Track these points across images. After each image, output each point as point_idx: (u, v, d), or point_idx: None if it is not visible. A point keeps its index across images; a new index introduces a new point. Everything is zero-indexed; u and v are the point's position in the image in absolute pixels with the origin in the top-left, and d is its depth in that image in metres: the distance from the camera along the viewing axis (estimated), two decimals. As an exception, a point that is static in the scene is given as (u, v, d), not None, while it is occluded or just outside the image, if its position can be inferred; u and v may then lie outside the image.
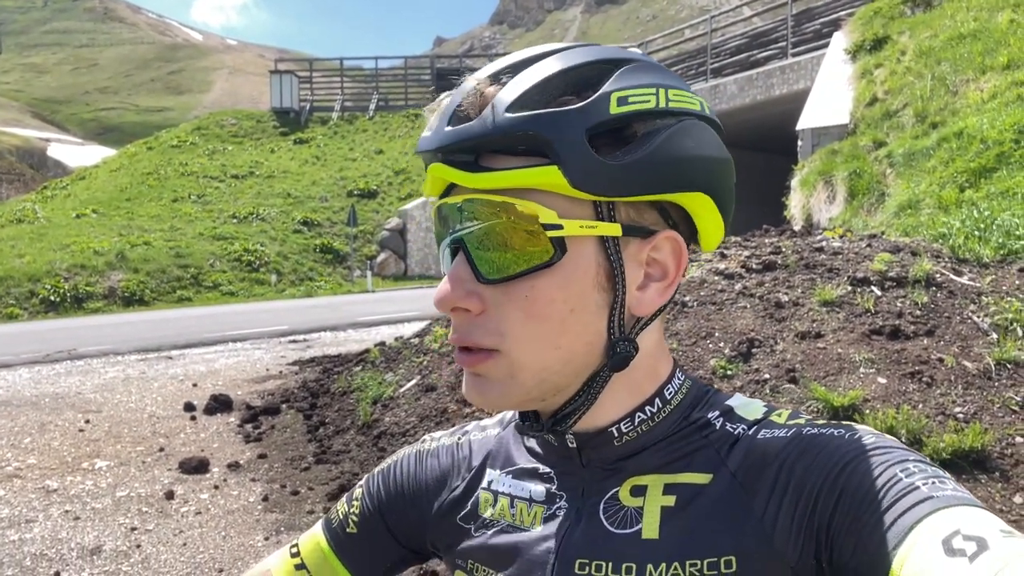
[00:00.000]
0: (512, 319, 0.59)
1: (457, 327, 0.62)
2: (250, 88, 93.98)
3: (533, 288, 0.59)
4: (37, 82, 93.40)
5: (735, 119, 18.75)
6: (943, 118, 8.47)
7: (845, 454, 0.55)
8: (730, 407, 0.66)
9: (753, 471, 0.59)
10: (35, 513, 4.28)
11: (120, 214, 20.83)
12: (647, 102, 0.58)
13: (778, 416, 0.64)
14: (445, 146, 0.58)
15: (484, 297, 0.60)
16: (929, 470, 0.53)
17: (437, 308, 0.61)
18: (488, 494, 0.71)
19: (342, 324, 12.02)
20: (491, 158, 0.58)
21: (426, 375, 5.60)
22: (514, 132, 0.56)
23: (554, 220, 0.57)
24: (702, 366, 4.22)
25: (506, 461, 0.72)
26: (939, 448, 3.20)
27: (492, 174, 0.57)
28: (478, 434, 0.78)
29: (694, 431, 0.64)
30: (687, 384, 0.68)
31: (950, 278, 4.60)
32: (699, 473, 0.61)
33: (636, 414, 0.64)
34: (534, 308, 0.59)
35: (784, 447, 0.59)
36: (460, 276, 0.60)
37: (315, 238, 20.49)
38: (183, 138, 27.18)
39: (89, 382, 7.89)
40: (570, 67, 0.58)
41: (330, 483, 4.57)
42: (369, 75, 30.79)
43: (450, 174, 0.59)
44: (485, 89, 0.59)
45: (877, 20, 12.69)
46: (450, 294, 0.60)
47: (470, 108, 0.59)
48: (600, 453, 0.65)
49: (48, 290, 15.57)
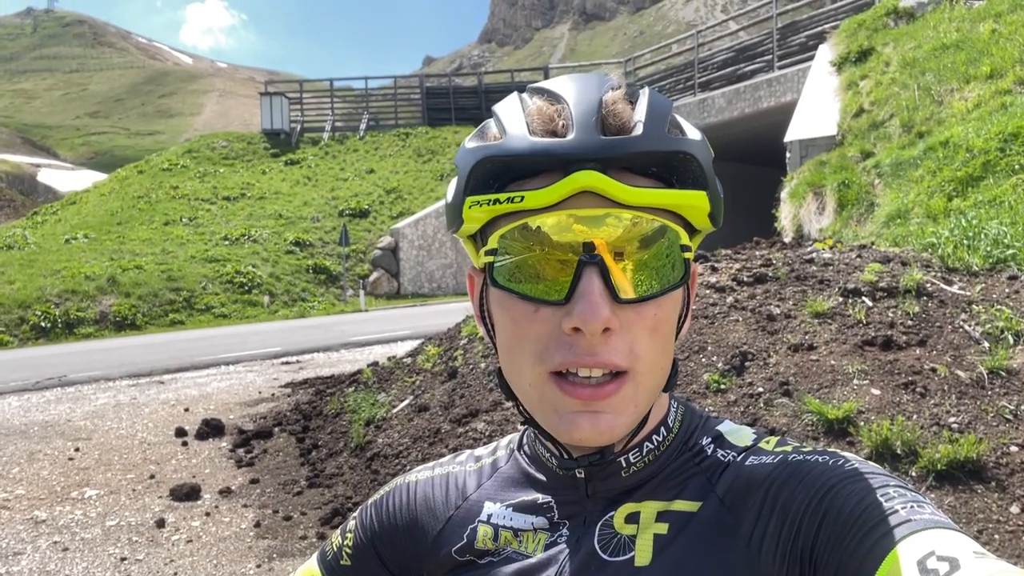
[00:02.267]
0: (641, 338, 0.59)
1: (589, 348, 0.57)
2: (241, 110, 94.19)
3: (660, 307, 0.60)
4: (27, 108, 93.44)
5: (724, 132, 18.87)
6: (929, 128, 8.53)
7: (828, 479, 0.57)
8: (721, 433, 0.67)
9: (740, 497, 0.60)
10: (23, 545, 4.22)
11: (111, 238, 20.76)
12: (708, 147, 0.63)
13: (766, 443, 0.65)
14: (607, 154, 0.56)
15: (619, 317, 0.58)
16: (908, 495, 0.54)
17: (584, 328, 0.56)
18: (488, 527, 0.70)
19: (335, 344, 11.97)
20: (620, 174, 0.57)
21: (419, 395, 5.56)
22: (675, 151, 0.58)
23: (687, 241, 0.60)
24: (695, 380, 4.21)
25: (506, 494, 0.72)
26: (934, 459, 3.19)
27: (648, 191, 0.57)
28: (472, 464, 0.78)
29: (690, 458, 0.66)
30: (681, 409, 0.70)
31: (940, 287, 4.61)
32: (690, 500, 0.63)
33: (644, 444, 0.65)
34: (658, 327, 0.60)
35: (770, 473, 0.60)
36: (603, 294, 0.57)
37: (307, 258, 20.45)
38: (174, 161, 27.17)
39: (79, 409, 7.81)
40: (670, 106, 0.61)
41: (323, 507, 4.52)
42: (359, 95, 30.89)
43: (608, 184, 0.56)
44: (621, 106, 0.59)
45: (861, 32, 12.82)
46: (602, 313, 0.56)
47: (612, 120, 0.58)
48: (606, 484, 0.66)
49: (38, 316, 15.47)
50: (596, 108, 0.58)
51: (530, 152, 0.57)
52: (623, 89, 0.60)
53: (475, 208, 0.60)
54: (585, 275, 0.57)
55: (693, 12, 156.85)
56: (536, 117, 0.59)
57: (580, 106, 0.58)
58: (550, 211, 0.58)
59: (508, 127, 0.60)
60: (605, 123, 0.57)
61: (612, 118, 0.58)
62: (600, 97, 0.59)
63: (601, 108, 0.58)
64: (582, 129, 0.57)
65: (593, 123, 0.57)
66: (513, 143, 0.58)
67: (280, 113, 28.09)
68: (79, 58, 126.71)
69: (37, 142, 73.93)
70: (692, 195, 0.58)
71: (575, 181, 0.56)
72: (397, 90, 30.91)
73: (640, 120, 0.58)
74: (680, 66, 22.93)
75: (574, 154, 0.56)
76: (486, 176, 0.60)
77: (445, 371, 5.73)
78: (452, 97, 28.48)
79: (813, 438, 3.57)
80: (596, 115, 0.57)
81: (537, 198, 0.57)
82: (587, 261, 0.57)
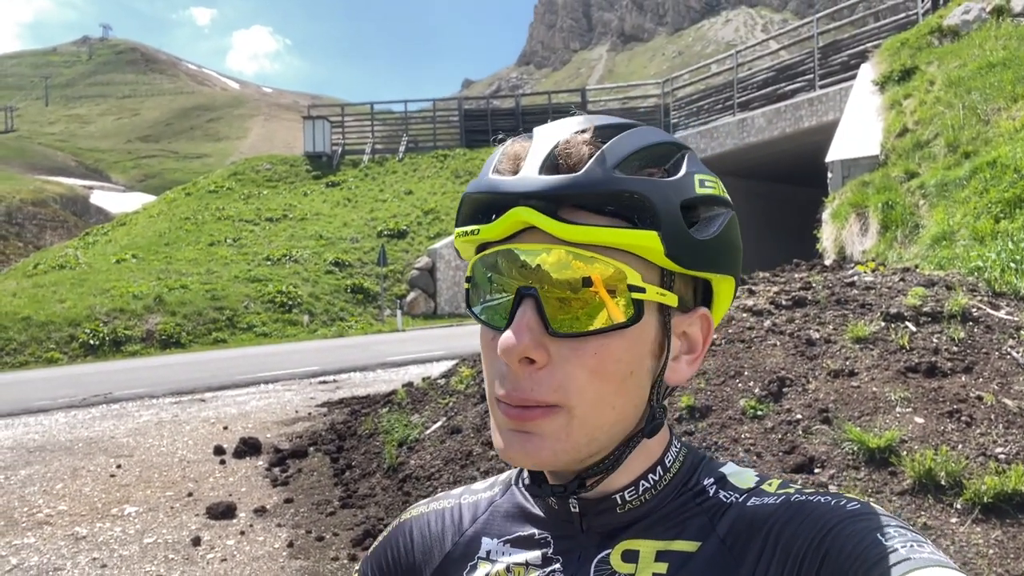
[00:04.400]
0: (577, 376, 0.59)
1: (514, 380, 0.60)
2: (284, 133, 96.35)
3: (602, 346, 0.59)
4: (82, 132, 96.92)
5: (763, 152, 18.68)
6: (975, 148, 8.32)
7: (830, 520, 0.58)
8: (724, 475, 0.68)
9: (742, 537, 0.61)
10: (63, 561, 4.30)
11: (159, 258, 21.31)
12: (714, 189, 0.64)
13: (769, 485, 0.65)
14: (541, 192, 0.58)
15: (550, 350, 0.59)
16: (909, 535, 0.55)
17: (502, 356, 0.59)
18: (487, 564, 0.70)
19: (371, 364, 12.07)
20: (572, 212, 0.59)
21: (451, 417, 5.57)
22: (620, 191, 0.58)
23: (639, 283, 0.59)
24: (731, 406, 4.13)
25: (503, 529, 0.71)
26: (980, 491, 3.07)
27: (590, 228, 0.58)
28: (469, 498, 0.77)
29: (690, 498, 0.66)
30: (684, 451, 0.69)
31: (987, 312, 4.47)
32: (689, 541, 0.63)
33: (640, 482, 0.66)
34: (601, 367, 0.59)
35: (772, 513, 0.61)
36: (530, 325, 0.59)
37: (346, 278, 20.72)
38: (220, 183, 27.86)
39: (123, 426, 7.98)
40: (653, 143, 0.62)
41: (355, 528, 4.53)
42: (399, 118, 31.36)
43: (540, 220, 0.58)
44: (579, 146, 0.60)
45: (904, 51, 12.61)
46: (521, 341, 0.58)
47: (565, 159, 0.60)
48: (601, 520, 0.66)
49: (88, 334, 15.91)
50: (551, 148, 0.60)
51: (483, 190, 0.62)
52: (590, 133, 0.61)
53: (458, 238, 0.65)
54: (521, 305, 0.59)
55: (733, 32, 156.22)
56: (506, 158, 0.63)
57: (539, 146, 0.61)
58: (498, 244, 0.62)
59: (484, 167, 0.64)
60: (557, 162, 0.60)
61: (564, 158, 0.60)
62: (559, 138, 0.61)
63: (556, 148, 0.60)
64: (529, 168, 0.60)
65: (541, 162, 0.60)
66: (480, 182, 0.63)
67: (322, 136, 28.66)
68: (131, 84, 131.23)
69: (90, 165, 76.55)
70: (638, 235, 0.58)
71: (511, 216, 0.59)
72: (436, 113, 31.29)
73: (598, 160, 0.59)
74: (719, 86, 22.80)
75: (514, 191, 0.59)
76: (469, 211, 0.64)
77: (478, 393, 5.73)
78: (490, 119, 28.73)
79: (853, 467, 3.47)
80: (548, 155, 0.60)
81: (488, 231, 0.61)
82: (524, 293, 0.59)
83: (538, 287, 0.59)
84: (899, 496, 3.23)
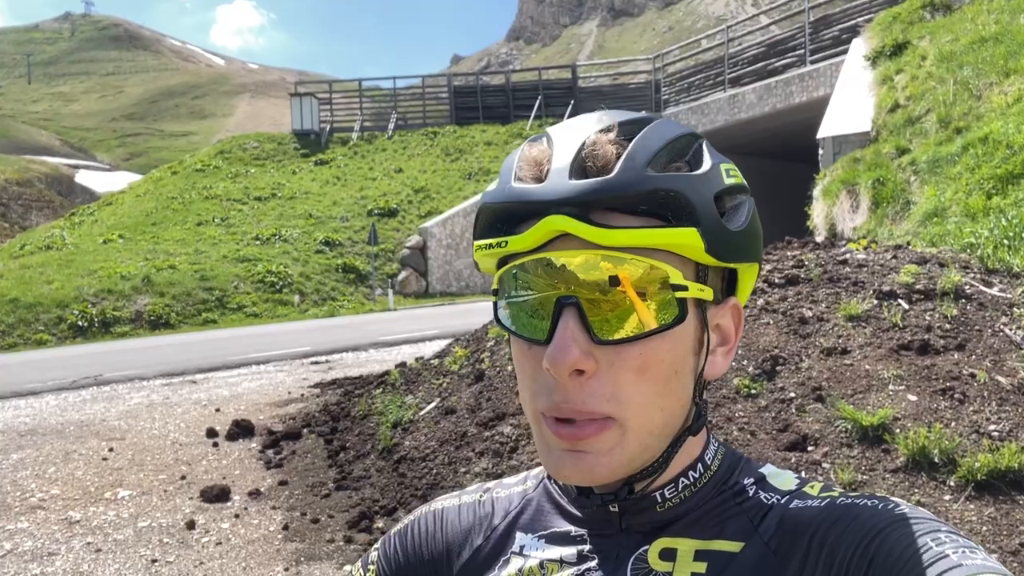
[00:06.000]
0: (625, 381, 0.58)
1: (564, 393, 0.58)
2: (272, 111, 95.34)
3: (648, 348, 0.58)
4: (65, 111, 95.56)
5: (755, 128, 18.62)
6: (967, 123, 8.30)
7: (877, 523, 0.56)
8: (763, 475, 0.67)
9: (786, 540, 0.59)
10: (57, 545, 4.29)
11: (146, 238, 21.13)
12: (737, 177, 0.63)
13: (811, 488, 0.64)
14: (575, 198, 0.57)
15: (597, 358, 0.58)
16: (960, 540, 0.53)
17: (554, 370, 0.57)
18: (520, 559, 0.69)
19: (364, 344, 12.04)
20: (605, 215, 0.57)
21: (445, 397, 5.56)
22: (655, 189, 0.56)
23: (681, 281, 0.58)
24: (725, 385, 4.14)
25: (538, 525, 0.70)
26: (974, 468, 3.09)
27: (627, 231, 0.56)
28: (502, 492, 0.76)
29: (730, 497, 0.65)
30: (722, 450, 0.69)
31: (980, 289, 4.48)
32: (731, 541, 0.61)
33: (680, 479, 0.65)
34: (646, 369, 0.58)
35: (816, 516, 0.60)
36: (575, 336, 0.57)
37: (337, 258, 20.62)
38: (207, 162, 27.57)
39: (114, 408, 7.95)
40: (675, 136, 0.61)
41: (350, 510, 4.54)
42: (388, 95, 31.04)
43: (578, 228, 0.56)
44: (606, 146, 0.58)
45: (896, 25, 12.54)
46: (570, 354, 0.56)
47: (593, 161, 0.58)
48: (640, 518, 0.65)
49: (76, 315, 15.80)
50: (577, 150, 0.59)
51: (509, 199, 0.60)
52: (615, 131, 0.60)
53: (479, 251, 0.63)
54: (563, 316, 0.58)
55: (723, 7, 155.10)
56: (525, 164, 0.61)
57: (563, 149, 0.59)
58: (531, 254, 0.60)
59: (503, 175, 0.62)
60: (585, 165, 0.58)
61: (592, 160, 0.58)
62: (583, 139, 0.59)
63: (582, 150, 0.58)
64: (557, 174, 0.58)
65: (568, 167, 0.58)
66: (501, 191, 0.61)
67: (310, 114, 28.36)
68: (115, 61, 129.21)
69: (75, 144, 75.57)
70: (676, 233, 0.57)
71: (546, 226, 0.57)
72: (425, 89, 31.00)
73: (621, 160, 0.57)
74: (710, 62, 22.67)
75: (545, 199, 0.57)
76: (489, 222, 0.62)
77: (472, 373, 5.72)
78: (480, 96, 28.48)
79: (847, 445, 3.49)
80: (575, 158, 0.58)
81: (519, 243, 0.59)
82: (564, 302, 0.58)
83: (579, 295, 0.57)
84: (892, 474, 3.25)
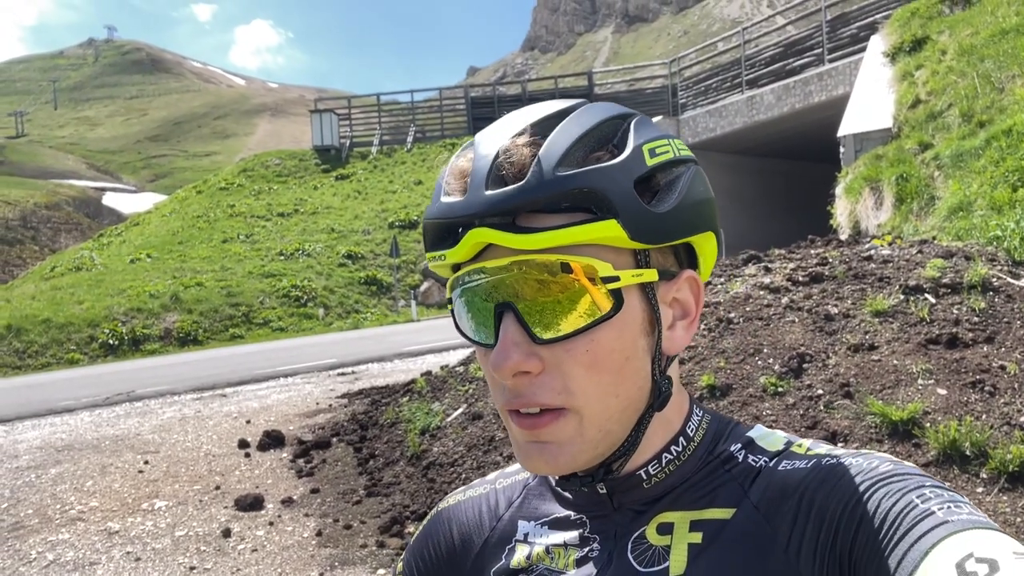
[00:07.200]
0: (575, 375, 0.59)
1: (517, 391, 0.60)
2: (292, 128, 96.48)
3: (592, 342, 0.59)
4: (91, 135, 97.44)
5: (774, 129, 18.52)
6: (990, 116, 8.22)
7: (864, 482, 0.57)
8: (751, 439, 0.67)
9: (775, 503, 0.60)
10: (98, 555, 4.39)
11: (173, 257, 21.48)
12: (667, 153, 0.62)
13: (799, 447, 0.65)
14: (490, 210, 0.57)
15: (542, 357, 0.59)
16: (945, 495, 0.54)
17: (498, 375, 0.60)
18: (524, 546, 0.71)
19: (388, 355, 12.13)
20: (530, 217, 0.58)
21: (472, 404, 5.60)
22: (567, 189, 0.57)
23: (611, 272, 0.58)
24: (751, 384, 4.14)
25: (539, 512, 0.72)
26: (1006, 460, 3.07)
27: (545, 233, 0.57)
28: (503, 482, 0.79)
29: (718, 466, 0.66)
30: (706, 418, 0.69)
31: (1008, 282, 4.44)
32: (722, 508, 0.63)
33: (663, 455, 0.66)
34: (596, 361, 0.59)
35: (804, 478, 0.61)
36: (515, 339, 0.59)
37: (359, 271, 20.80)
38: (230, 180, 28.00)
39: (147, 423, 8.09)
40: (594, 124, 0.61)
41: (382, 516, 4.59)
42: (405, 108, 31.35)
43: (497, 237, 0.58)
44: (521, 150, 0.59)
45: (915, 21, 12.44)
46: (510, 359, 0.58)
47: (508, 168, 0.59)
48: (631, 496, 0.66)
49: (107, 334, 16.09)
50: (493, 159, 0.59)
51: (438, 216, 0.61)
52: (527, 134, 0.60)
53: (431, 263, 0.65)
54: (503, 321, 0.59)
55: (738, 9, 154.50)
56: (452, 178, 0.62)
57: (480, 160, 0.60)
58: (469, 264, 0.61)
59: (436, 189, 0.64)
60: (500, 174, 0.59)
61: (507, 167, 0.59)
62: (499, 147, 0.60)
63: (497, 158, 0.59)
64: (474, 187, 0.59)
65: (485, 178, 0.59)
66: (434, 207, 0.62)
67: (330, 129, 28.70)
68: (138, 85, 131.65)
69: (101, 167, 77.01)
70: (596, 227, 0.57)
71: (472, 238, 0.59)
72: (443, 102, 31.23)
73: (538, 163, 0.58)
74: (727, 64, 22.60)
75: (467, 213, 0.59)
76: (432, 237, 0.63)
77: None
78: (496, 106, 28.63)
79: (877, 440, 3.47)
80: (490, 168, 0.59)
81: (454, 255, 0.61)
82: (501, 308, 0.60)
83: (514, 300, 0.59)
84: (924, 468, 3.23)
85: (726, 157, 19.83)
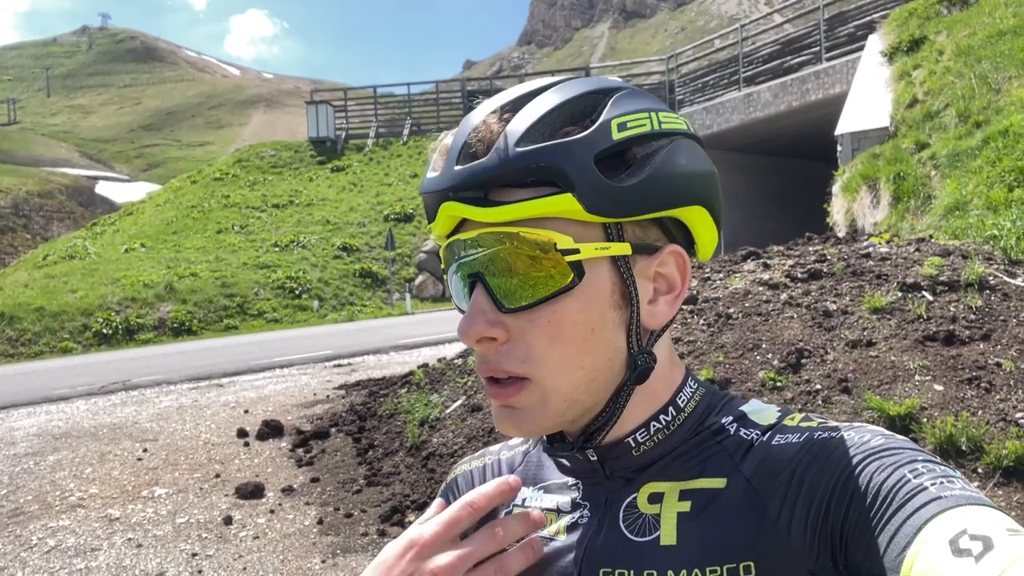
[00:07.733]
0: (538, 344, 0.62)
1: (484, 357, 0.64)
2: (287, 119, 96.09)
3: (555, 313, 0.61)
4: (84, 123, 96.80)
5: (771, 127, 18.56)
6: (987, 117, 8.28)
7: (855, 456, 0.57)
8: (744, 413, 0.68)
9: (767, 477, 0.61)
10: (99, 542, 4.41)
11: (167, 247, 21.41)
12: (643, 126, 0.62)
13: (791, 420, 0.65)
14: (457, 184, 0.61)
15: (508, 326, 0.62)
16: (938, 469, 0.54)
17: (462, 340, 0.63)
18: (521, 510, 0.72)
19: (384, 347, 12.15)
20: (501, 192, 0.60)
21: (471, 395, 5.64)
22: (526, 164, 0.59)
23: (570, 245, 0.60)
24: (750, 378, 4.18)
25: (537, 478, 0.75)
26: (1001, 455, 3.12)
27: (507, 207, 0.60)
28: (507, 453, 0.81)
29: (708, 437, 0.66)
30: (700, 391, 0.70)
31: (1004, 280, 4.50)
32: (712, 478, 0.63)
33: (651, 423, 0.67)
34: (558, 332, 0.61)
35: (796, 452, 0.61)
36: (482, 307, 0.62)
37: (354, 263, 20.79)
38: (225, 171, 27.88)
39: (144, 412, 8.10)
40: (567, 99, 0.62)
41: (382, 505, 4.62)
42: (402, 101, 31.24)
43: (464, 211, 0.61)
44: (491, 126, 0.62)
45: (913, 21, 12.50)
46: (474, 325, 0.62)
47: (477, 145, 0.61)
48: (620, 463, 0.67)
49: (100, 323, 16.05)
50: (467, 136, 0.62)
51: (424, 191, 0.65)
52: (499, 112, 0.62)
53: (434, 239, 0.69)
54: (475, 291, 0.63)
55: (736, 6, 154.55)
56: (438, 154, 0.65)
57: (458, 137, 0.63)
58: (450, 236, 0.65)
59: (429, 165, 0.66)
60: (471, 150, 0.61)
61: (477, 143, 0.61)
62: (474, 123, 0.63)
63: (468, 135, 0.62)
64: (448, 163, 0.62)
65: (456, 155, 0.62)
66: (423, 182, 0.65)
67: (326, 121, 28.61)
68: (132, 73, 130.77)
69: (94, 155, 76.52)
70: (553, 201, 0.59)
71: (444, 212, 0.62)
72: (439, 95, 31.16)
73: (503, 139, 0.60)
74: (724, 61, 22.62)
75: (441, 188, 0.62)
76: (427, 210, 0.66)
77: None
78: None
79: (874, 435, 3.53)
80: (463, 144, 0.62)
81: (434, 227, 0.65)
82: (472, 279, 0.63)
83: (483, 270, 0.62)
84: (921, 461, 3.28)
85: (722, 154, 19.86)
